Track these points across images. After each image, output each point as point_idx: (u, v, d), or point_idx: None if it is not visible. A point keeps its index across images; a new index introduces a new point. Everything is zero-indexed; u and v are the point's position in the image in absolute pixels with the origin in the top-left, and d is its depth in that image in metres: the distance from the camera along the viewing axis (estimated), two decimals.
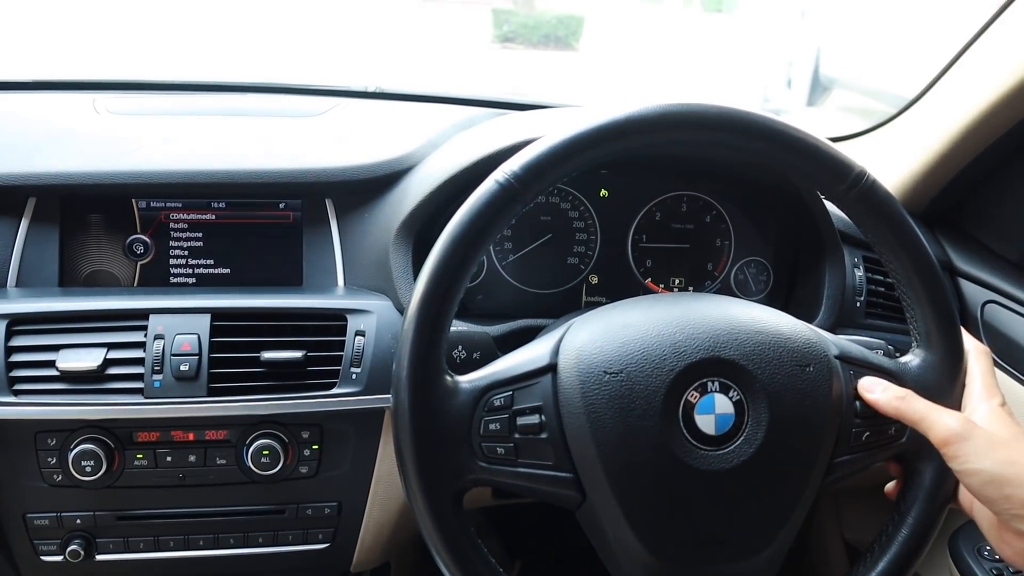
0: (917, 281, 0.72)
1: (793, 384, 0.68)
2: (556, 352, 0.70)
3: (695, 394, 0.67)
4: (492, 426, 0.67)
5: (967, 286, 1.12)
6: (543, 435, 0.68)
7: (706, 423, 0.67)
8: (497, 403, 0.68)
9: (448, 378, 0.68)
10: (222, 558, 0.97)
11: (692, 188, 1.09)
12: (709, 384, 0.67)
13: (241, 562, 0.98)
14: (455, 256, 0.67)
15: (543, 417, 0.68)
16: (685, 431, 0.67)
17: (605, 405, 0.66)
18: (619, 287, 1.09)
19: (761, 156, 0.71)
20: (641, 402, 0.66)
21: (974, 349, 0.74)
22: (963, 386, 0.73)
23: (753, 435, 0.67)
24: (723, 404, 0.67)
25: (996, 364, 1.05)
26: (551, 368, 0.69)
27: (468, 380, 0.69)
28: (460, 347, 0.80)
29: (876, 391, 0.71)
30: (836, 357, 0.72)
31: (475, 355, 0.80)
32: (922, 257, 0.72)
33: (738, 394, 0.68)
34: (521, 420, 0.68)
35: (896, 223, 0.71)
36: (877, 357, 0.75)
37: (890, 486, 0.78)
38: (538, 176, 0.67)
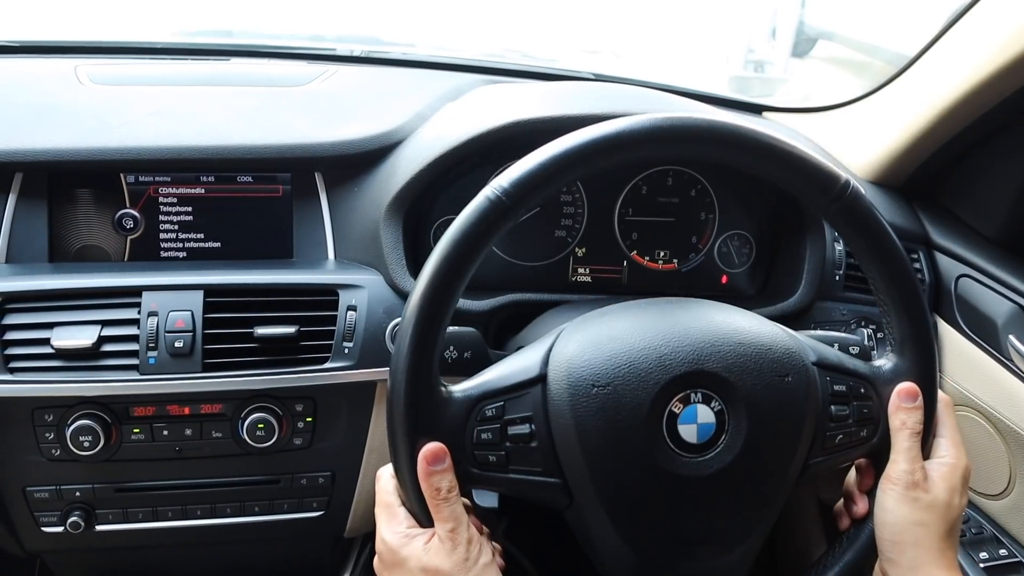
0: (896, 292, 0.74)
1: (772, 394, 0.71)
2: (546, 363, 0.72)
3: (679, 405, 0.69)
4: (484, 435, 0.69)
5: (943, 260, 1.15)
6: (533, 444, 0.70)
7: (688, 432, 0.69)
8: (489, 413, 0.70)
9: (442, 390, 0.70)
10: (219, 527, 1.00)
11: (678, 163, 1.10)
12: (692, 395, 0.70)
13: (238, 530, 1.01)
14: (447, 274, 0.67)
15: (533, 427, 0.70)
16: (668, 439, 0.69)
17: (593, 417, 0.69)
18: (605, 260, 1.11)
19: (750, 168, 0.73)
20: (627, 415, 0.69)
21: (942, 402, 0.77)
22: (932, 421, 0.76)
23: (732, 443, 0.70)
24: (705, 414, 0.70)
25: (967, 337, 1.09)
26: (541, 379, 0.71)
27: (462, 390, 0.70)
28: (451, 347, 0.81)
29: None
30: (814, 363, 0.75)
31: (466, 354, 0.82)
32: (901, 268, 0.74)
33: (719, 404, 0.70)
34: (512, 430, 0.70)
35: (877, 233, 0.73)
36: (853, 362, 0.77)
37: (857, 480, 0.80)
38: (528, 192, 0.68)
